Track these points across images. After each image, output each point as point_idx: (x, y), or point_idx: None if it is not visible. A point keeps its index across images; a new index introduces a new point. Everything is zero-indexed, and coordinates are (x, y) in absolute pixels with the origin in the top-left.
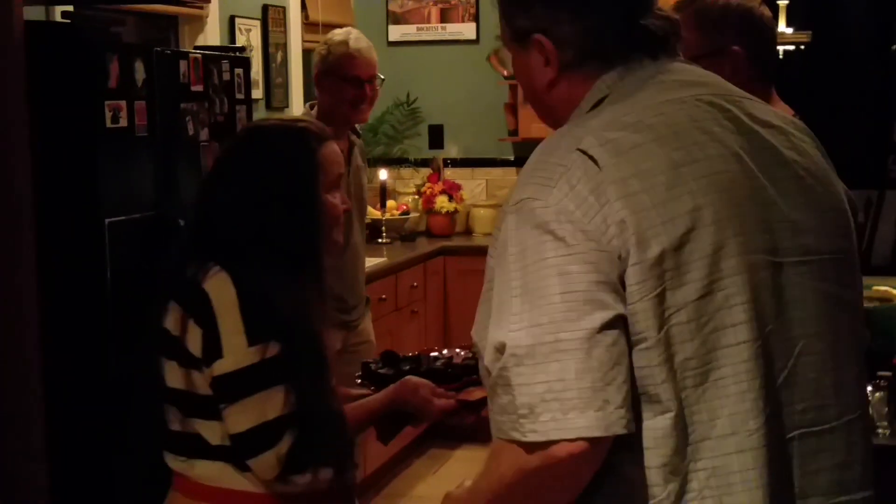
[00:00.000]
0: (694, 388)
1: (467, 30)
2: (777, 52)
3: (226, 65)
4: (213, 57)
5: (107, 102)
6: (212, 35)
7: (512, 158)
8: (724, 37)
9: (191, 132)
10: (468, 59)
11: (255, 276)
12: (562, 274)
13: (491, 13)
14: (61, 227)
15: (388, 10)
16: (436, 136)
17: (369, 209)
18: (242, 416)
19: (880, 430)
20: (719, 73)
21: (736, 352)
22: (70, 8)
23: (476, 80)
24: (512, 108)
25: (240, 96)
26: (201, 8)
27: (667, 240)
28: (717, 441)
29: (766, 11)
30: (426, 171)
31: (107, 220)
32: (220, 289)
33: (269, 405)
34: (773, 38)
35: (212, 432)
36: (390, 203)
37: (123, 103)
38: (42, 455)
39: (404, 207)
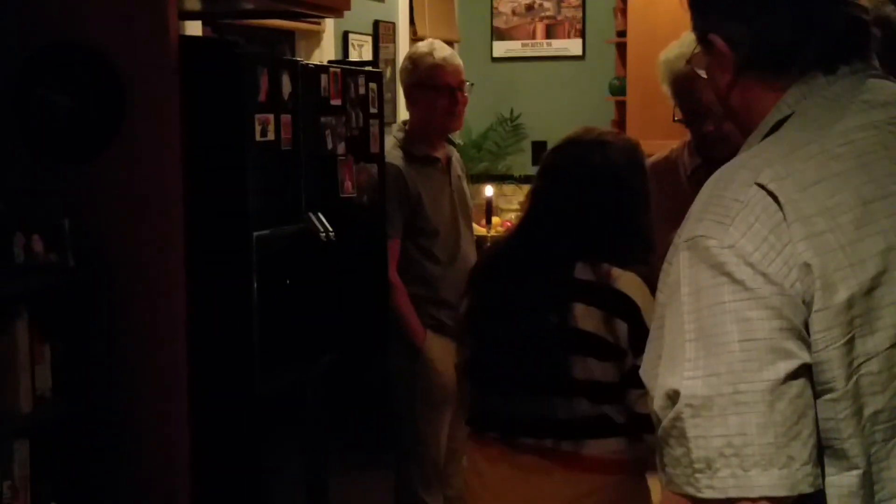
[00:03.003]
0: (884, 442)
1: (573, 45)
2: None
3: (362, 79)
4: (350, 71)
5: (257, 116)
6: (327, 50)
7: None
8: None
9: (329, 146)
10: (573, 75)
11: (640, 271)
12: (741, 320)
13: (597, 28)
14: (211, 240)
15: (492, 27)
16: (539, 153)
17: (474, 226)
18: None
19: None
20: None
21: None
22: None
23: (581, 96)
24: (618, 125)
25: (373, 110)
26: (318, 23)
27: (856, 283)
28: None
29: None
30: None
31: (255, 234)
32: (634, 286)
33: None
34: None
35: (616, 413)
36: (495, 220)
37: (271, 117)
38: (186, 471)
39: (508, 224)
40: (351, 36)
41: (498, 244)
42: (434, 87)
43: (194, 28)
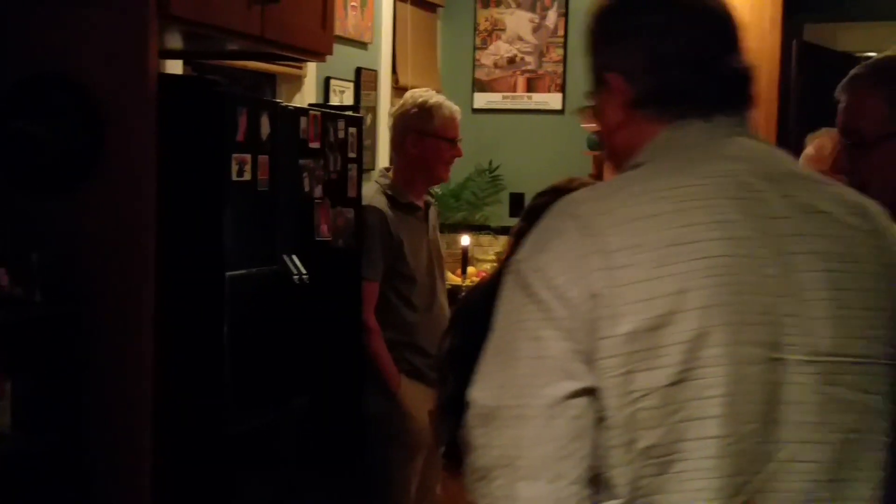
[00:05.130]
0: (654, 476)
1: (553, 100)
2: None
3: (341, 123)
4: (329, 115)
5: (234, 155)
6: (308, 95)
7: None
8: None
9: (307, 188)
10: (553, 129)
11: None
12: (534, 338)
13: (578, 84)
14: (183, 278)
15: (474, 78)
16: (517, 205)
17: (449, 274)
18: None
19: None
20: None
21: (703, 446)
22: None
23: (560, 150)
24: (596, 179)
25: (352, 155)
26: (300, 67)
27: (641, 319)
28: None
29: None
30: (506, 240)
31: (228, 274)
32: None
33: None
34: None
35: None
36: (471, 269)
37: (249, 157)
38: None
39: (483, 274)
40: (332, 81)
41: (482, 283)
42: (445, 139)
43: (175, 67)
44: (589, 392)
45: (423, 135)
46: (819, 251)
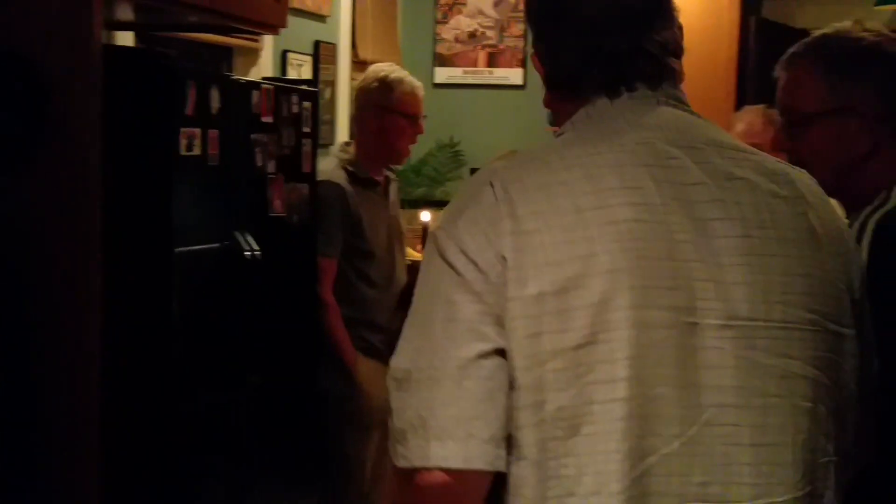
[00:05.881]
0: (564, 439)
1: (514, 75)
2: None
3: (295, 97)
4: (283, 89)
5: (182, 129)
6: (265, 68)
7: None
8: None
9: (259, 163)
10: (514, 104)
11: None
12: (447, 302)
13: None
14: (131, 255)
15: (435, 52)
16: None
17: (410, 251)
18: None
19: None
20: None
21: (610, 408)
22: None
23: (521, 125)
24: None
25: (306, 129)
26: (256, 41)
27: (549, 282)
28: (581, 499)
29: None
30: None
31: (176, 250)
32: None
33: None
34: None
35: None
36: None
37: (198, 131)
38: (96, 494)
39: None
40: (290, 55)
41: None
42: (405, 115)
43: (127, 40)
44: (500, 353)
45: (383, 110)
46: (736, 217)
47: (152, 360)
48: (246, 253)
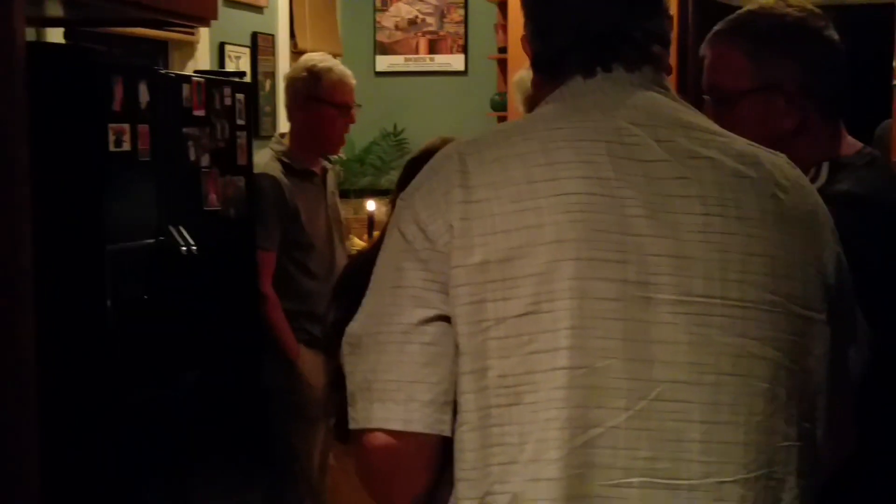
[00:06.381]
0: (507, 406)
1: (456, 61)
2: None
3: (227, 90)
4: (214, 82)
5: (110, 125)
6: (202, 62)
7: None
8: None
9: (192, 157)
10: (456, 91)
11: None
12: (396, 269)
13: (479, 45)
14: (61, 254)
15: (375, 41)
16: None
17: (356, 240)
18: None
19: None
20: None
21: (552, 377)
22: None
23: (464, 111)
24: None
25: (241, 122)
26: (192, 34)
27: (494, 250)
28: (522, 465)
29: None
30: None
31: (108, 248)
32: None
33: None
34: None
35: None
36: (376, 234)
37: (127, 126)
38: (36, 494)
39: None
40: (227, 48)
41: (362, 254)
42: (333, 104)
43: (58, 36)
44: (445, 320)
45: (312, 100)
46: (696, 195)
47: (87, 358)
48: (182, 248)
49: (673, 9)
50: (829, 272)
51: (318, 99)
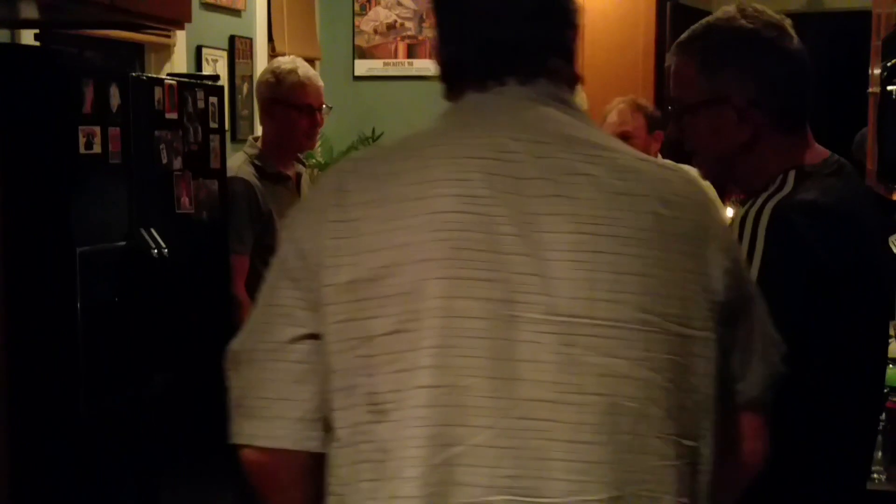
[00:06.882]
0: (374, 423)
1: (435, 66)
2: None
3: (200, 93)
4: (187, 84)
5: (81, 128)
6: (179, 65)
7: None
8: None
9: (164, 160)
10: (435, 96)
11: None
12: (272, 287)
13: None
14: (31, 257)
15: (354, 45)
16: None
17: None
18: None
19: (875, 476)
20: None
21: (414, 396)
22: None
23: None
24: None
25: (214, 125)
26: (168, 36)
27: (362, 269)
28: (387, 482)
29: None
30: None
31: (78, 250)
32: None
33: None
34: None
35: None
36: None
37: (97, 129)
38: (5, 497)
39: None
40: (205, 51)
41: None
42: (296, 106)
43: (30, 38)
44: (314, 337)
45: (275, 102)
46: (570, 213)
47: (58, 361)
48: (153, 251)
49: (651, 17)
50: (716, 289)
51: (281, 101)
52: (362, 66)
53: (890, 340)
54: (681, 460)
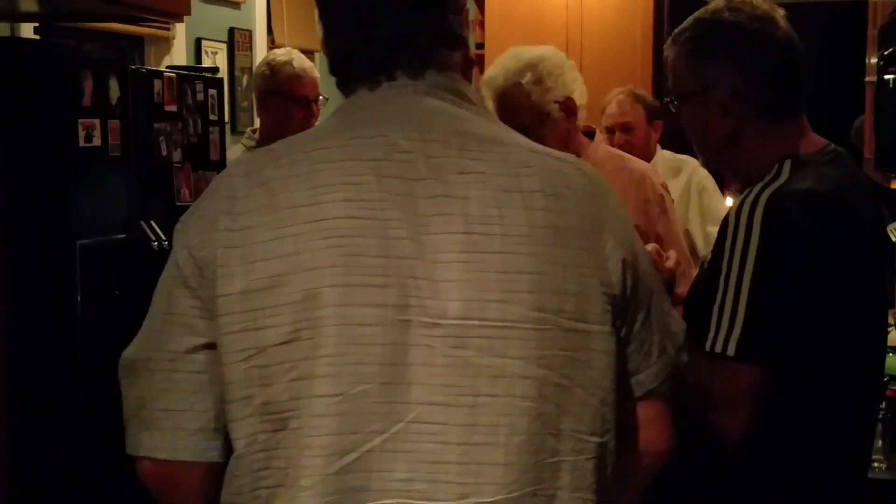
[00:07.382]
0: (273, 432)
1: None
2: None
3: (199, 85)
4: (186, 77)
5: (80, 121)
6: (178, 57)
7: None
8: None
9: (164, 153)
10: None
11: None
12: (168, 295)
13: None
14: (31, 249)
15: None
16: None
17: None
18: None
19: (876, 465)
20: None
21: (312, 404)
22: (35, 24)
23: None
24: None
25: (213, 117)
26: (168, 29)
27: (254, 279)
28: (286, 489)
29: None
30: None
31: (78, 243)
32: None
33: None
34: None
35: None
36: None
37: (97, 122)
38: (5, 489)
39: None
40: (204, 43)
41: None
42: (291, 98)
43: (29, 30)
44: (213, 347)
45: (271, 94)
46: (458, 213)
47: (58, 353)
48: (153, 243)
49: (649, 6)
50: (612, 282)
51: (277, 93)
52: None
53: (889, 329)
54: (581, 456)
